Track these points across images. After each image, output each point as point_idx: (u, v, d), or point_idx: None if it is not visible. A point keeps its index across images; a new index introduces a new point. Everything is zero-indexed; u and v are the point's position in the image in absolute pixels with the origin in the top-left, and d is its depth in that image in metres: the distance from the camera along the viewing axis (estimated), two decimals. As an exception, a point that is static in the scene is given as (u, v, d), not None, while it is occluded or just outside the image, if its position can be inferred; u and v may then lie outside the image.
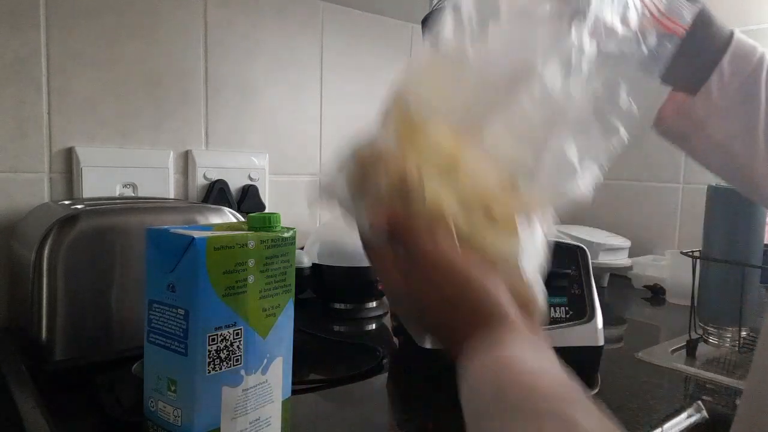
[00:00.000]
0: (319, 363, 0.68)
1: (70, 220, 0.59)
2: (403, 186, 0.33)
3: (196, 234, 0.39)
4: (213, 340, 0.40)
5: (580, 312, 0.59)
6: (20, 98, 0.74)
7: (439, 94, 0.36)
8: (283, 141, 1.00)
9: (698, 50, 0.43)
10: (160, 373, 0.41)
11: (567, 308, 0.59)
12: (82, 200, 0.71)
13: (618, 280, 1.21)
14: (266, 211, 0.95)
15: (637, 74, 0.44)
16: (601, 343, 0.59)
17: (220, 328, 0.40)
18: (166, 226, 0.41)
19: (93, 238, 0.60)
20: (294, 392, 0.49)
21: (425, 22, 0.59)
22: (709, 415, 0.58)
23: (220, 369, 0.40)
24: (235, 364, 0.41)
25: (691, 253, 0.78)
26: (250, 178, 0.94)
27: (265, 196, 0.96)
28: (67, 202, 0.68)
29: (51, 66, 0.76)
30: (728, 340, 0.75)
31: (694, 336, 0.77)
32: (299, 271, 0.85)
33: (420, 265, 0.32)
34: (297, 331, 0.47)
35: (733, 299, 0.70)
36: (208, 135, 0.91)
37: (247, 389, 0.43)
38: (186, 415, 0.39)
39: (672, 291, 1.06)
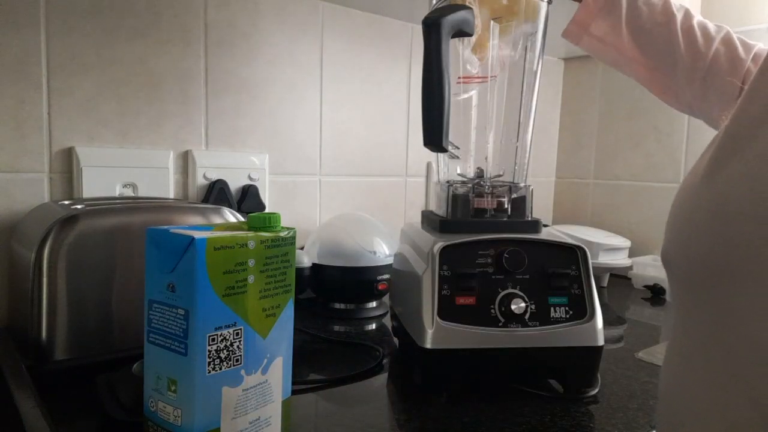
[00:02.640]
0: (319, 363, 0.68)
1: (70, 220, 0.59)
2: None
3: (196, 234, 0.39)
4: (213, 340, 0.40)
5: (580, 312, 0.59)
6: (20, 98, 0.74)
7: None
8: (283, 141, 1.00)
9: None
10: (160, 373, 0.41)
11: (567, 308, 0.59)
12: (82, 200, 0.71)
13: (618, 280, 1.21)
14: (266, 211, 0.95)
15: None
16: (601, 343, 0.59)
17: (220, 328, 0.40)
18: (166, 226, 0.41)
19: (93, 238, 0.60)
20: (294, 392, 0.49)
21: (425, 22, 0.59)
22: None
23: (220, 369, 0.40)
24: (235, 364, 0.41)
25: (691, 253, 0.78)
26: (250, 178, 0.94)
27: (265, 196, 0.96)
28: (67, 202, 0.68)
29: (51, 66, 0.76)
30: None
31: (694, 336, 0.77)
32: (299, 271, 0.85)
33: None
34: (297, 331, 0.47)
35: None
36: (208, 135, 0.91)
37: (247, 389, 0.43)
38: (186, 415, 0.40)
39: (672, 291, 1.06)
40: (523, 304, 0.57)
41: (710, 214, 0.28)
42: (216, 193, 0.89)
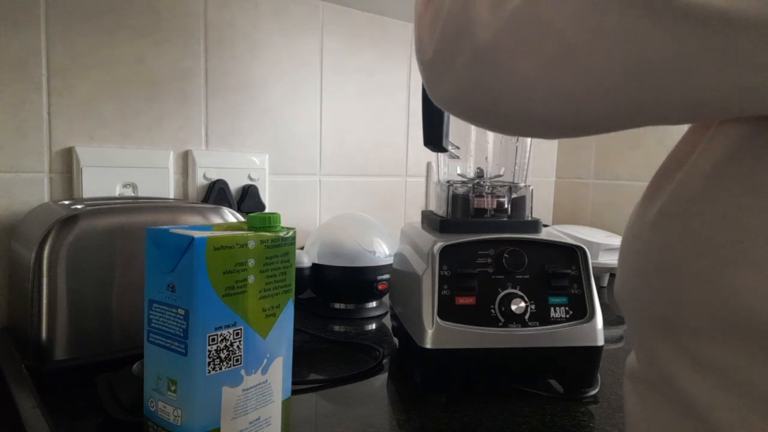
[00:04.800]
0: (319, 363, 0.68)
1: (70, 220, 0.59)
2: None
3: (196, 234, 0.39)
4: (213, 340, 0.40)
5: (580, 312, 0.59)
6: (20, 98, 0.74)
7: None
8: (283, 141, 1.00)
9: None
10: (160, 373, 0.41)
11: (567, 308, 0.59)
12: (82, 200, 0.71)
13: (618, 280, 1.21)
14: (266, 211, 0.95)
15: None
16: (601, 343, 0.59)
17: (220, 328, 0.40)
18: (166, 226, 0.41)
19: (93, 238, 0.60)
20: (294, 392, 0.49)
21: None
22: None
23: (220, 369, 0.40)
24: (235, 364, 0.41)
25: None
26: (250, 178, 0.94)
27: (265, 196, 0.96)
28: (67, 202, 0.68)
29: (51, 66, 0.76)
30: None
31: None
32: (299, 271, 0.85)
33: None
34: (297, 331, 0.47)
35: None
36: (208, 135, 0.91)
37: (247, 389, 0.43)
38: (186, 415, 0.40)
39: (672, 291, 1.06)
40: (523, 304, 0.57)
41: (660, 270, 0.28)
42: (216, 193, 0.89)
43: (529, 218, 0.66)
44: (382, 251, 0.90)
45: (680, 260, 0.27)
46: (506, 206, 0.66)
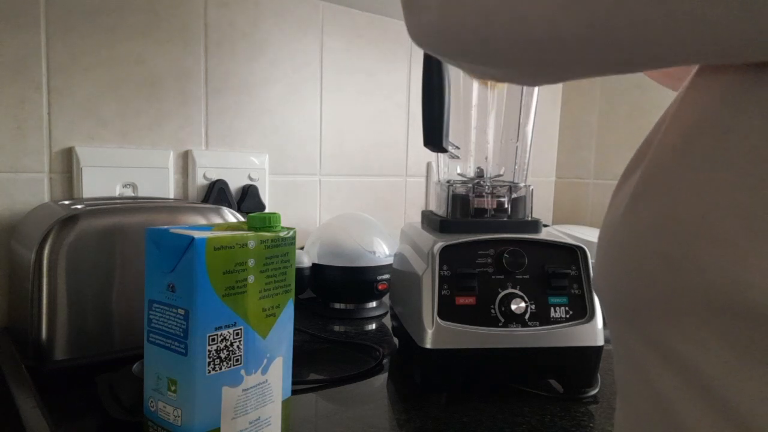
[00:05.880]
0: (319, 363, 0.68)
1: (70, 220, 0.59)
2: None
3: (196, 234, 0.39)
4: (213, 340, 0.40)
5: (580, 312, 0.59)
6: (20, 98, 0.74)
7: None
8: (283, 141, 1.00)
9: None
10: (160, 373, 0.41)
11: (567, 308, 0.59)
12: (82, 200, 0.71)
13: (618, 280, 1.21)
14: (266, 211, 0.95)
15: None
16: (601, 343, 0.59)
17: (220, 328, 0.40)
18: (166, 226, 0.41)
19: (93, 238, 0.60)
20: (294, 392, 0.49)
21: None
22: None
23: (220, 369, 0.40)
24: (235, 364, 0.41)
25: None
26: (250, 178, 0.94)
27: (265, 196, 0.96)
28: (67, 202, 0.68)
29: (51, 66, 0.76)
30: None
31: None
32: (299, 271, 0.85)
33: None
34: (297, 331, 0.47)
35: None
36: (208, 135, 0.91)
37: (247, 389, 0.43)
38: (186, 415, 0.40)
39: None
40: (523, 304, 0.57)
41: (628, 252, 0.27)
42: (216, 193, 0.89)
43: (529, 218, 0.66)
44: (382, 251, 0.90)
45: (647, 241, 0.26)
46: (506, 206, 0.66)
